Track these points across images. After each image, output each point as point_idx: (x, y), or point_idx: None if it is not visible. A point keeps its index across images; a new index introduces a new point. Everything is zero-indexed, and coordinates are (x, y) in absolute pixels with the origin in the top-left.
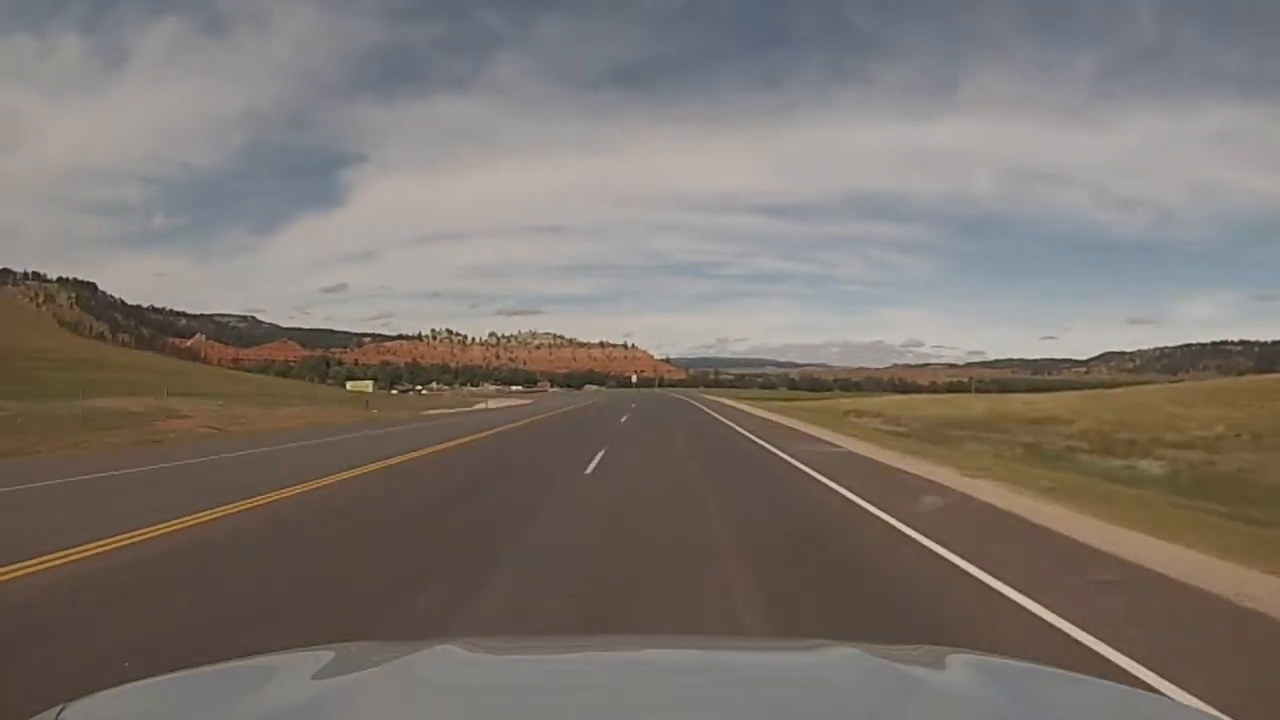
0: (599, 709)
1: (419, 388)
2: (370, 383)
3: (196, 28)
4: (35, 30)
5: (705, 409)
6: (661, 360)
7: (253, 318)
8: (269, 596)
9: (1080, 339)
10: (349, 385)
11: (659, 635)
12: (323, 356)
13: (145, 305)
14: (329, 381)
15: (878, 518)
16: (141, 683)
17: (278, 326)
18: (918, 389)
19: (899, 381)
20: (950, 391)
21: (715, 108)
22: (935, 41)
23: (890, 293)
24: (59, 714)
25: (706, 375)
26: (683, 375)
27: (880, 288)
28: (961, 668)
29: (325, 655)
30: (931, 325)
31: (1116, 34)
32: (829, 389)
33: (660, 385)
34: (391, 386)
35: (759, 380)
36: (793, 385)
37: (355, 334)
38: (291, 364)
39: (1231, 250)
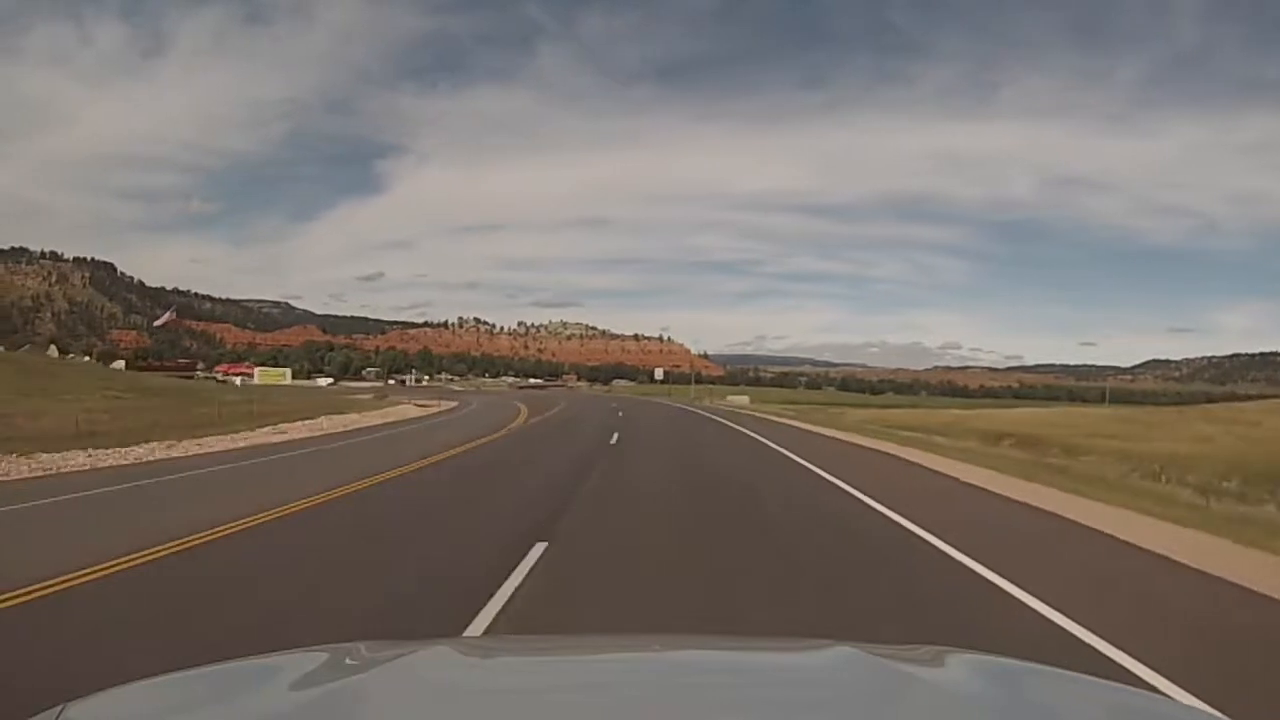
0: (599, 709)
1: (405, 378)
2: (287, 371)
3: (238, 16)
4: (74, 18)
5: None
6: (699, 356)
7: (286, 304)
8: None
9: (1120, 346)
10: (257, 373)
11: (658, 635)
12: (326, 343)
13: (170, 288)
14: (324, 368)
15: None
16: (142, 683)
17: (310, 313)
18: (966, 393)
19: (946, 385)
20: (1006, 397)
21: (756, 106)
22: (976, 44)
23: (927, 295)
24: (59, 714)
25: (745, 373)
26: (721, 372)
27: (918, 289)
28: (961, 668)
29: (326, 655)
30: (968, 328)
31: (1157, 40)
32: (878, 391)
33: (697, 382)
34: (389, 376)
35: (801, 380)
36: (843, 386)
37: (389, 321)
38: (289, 349)
39: (1273, 260)
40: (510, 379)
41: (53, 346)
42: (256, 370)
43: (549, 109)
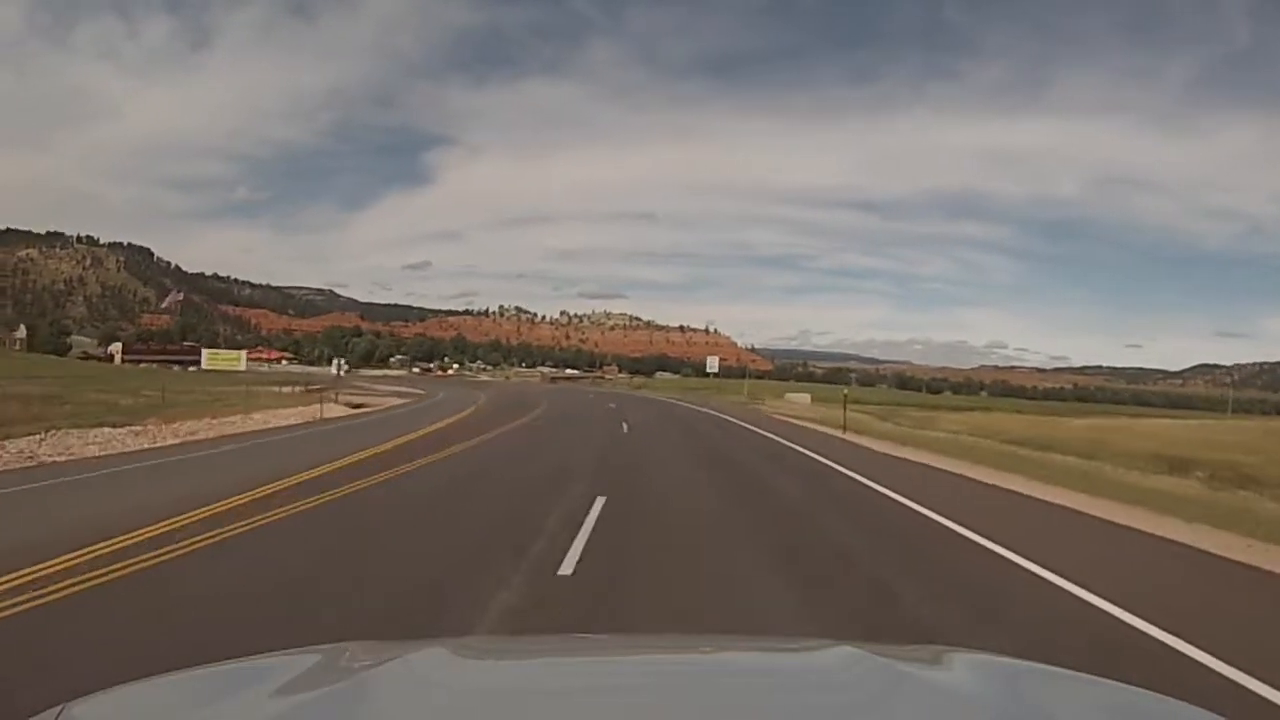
0: (598, 711)
1: (429, 366)
2: (241, 355)
3: (285, 7)
4: (122, 12)
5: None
6: (747, 349)
7: (331, 291)
8: None
9: (1168, 349)
10: (206, 357)
11: (656, 635)
12: (355, 328)
13: (209, 273)
14: (348, 355)
15: None
16: (142, 682)
17: (355, 300)
18: (1024, 393)
19: (1001, 384)
20: (1068, 400)
21: (805, 101)
22: (1026, 41)
23: (973, 293)
24: (59, 714)
25: (794, 368)
26: (769, 366)
27: (963, 287)
28: (961, 667)
29: (324, 655)
30: (1013, 328)
31: (1209, 40)
32: (935, 389)
33: (744, 376)
34: (413, 364)
35: (853, 376)
36: (901, 384)
37: (431, 310)
38: (311, 335)
39: None
40: (545, 369)
41: (22, 328)
42: (204, 354)
43: (598, 103)
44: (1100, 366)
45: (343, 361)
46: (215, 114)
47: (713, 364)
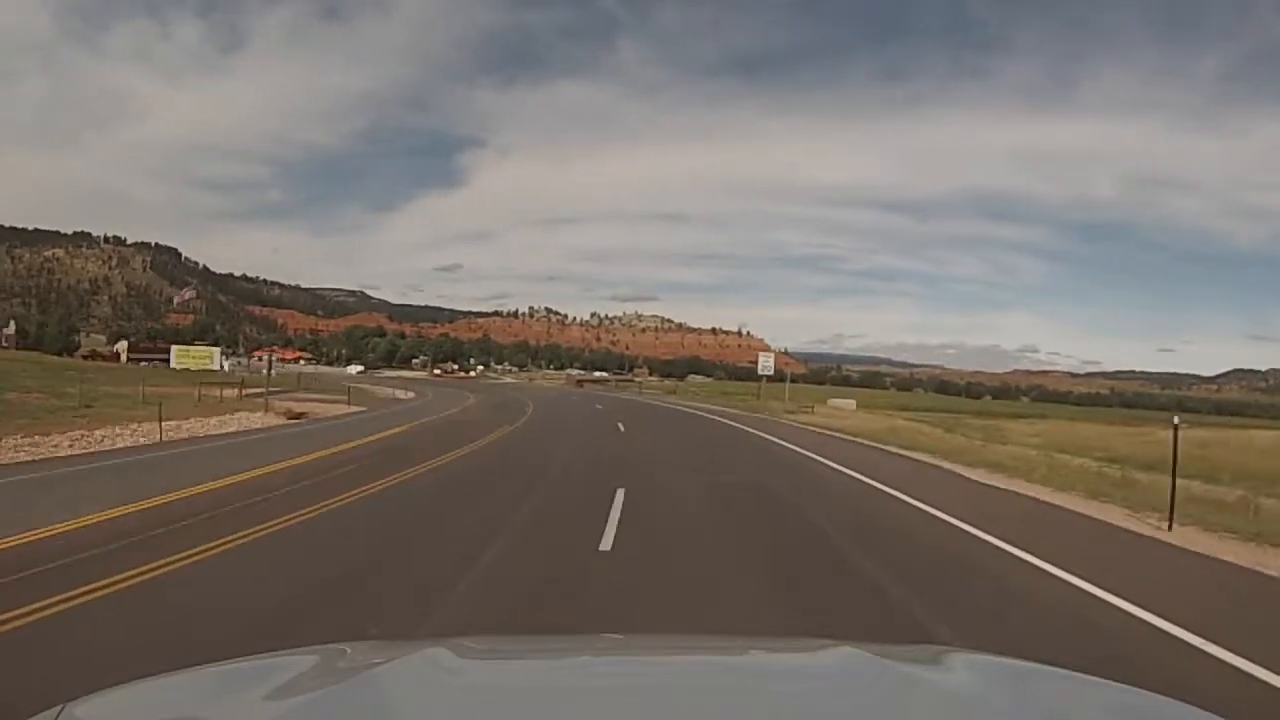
0: (597, 711)
1: (451, 367)
2: (215, 352)
3: (316, 11)
4: (155, 15)
5: None
6: (781, 352)
7: (362, 293)
8: None
9: (1201, 354)
10: (174, 354)
11: (656, 635)
12: (378, 328)
13: (238, 274)
14: (368, 355)
15: None
16: (142, 681)
17: (386, 302)
18: (1066, 399)
19: (1039, 389)
20: (1112, 405)
21: (836, 100)
22: (1057, 38)
23: (1005, 295)
24: (59, 713)
25: (827, 371)
26: (804, 369)
27: (996, 290)
28: (961, 667)
29: (324, 655)
30: (1045, 331)
31: (1242, 34)
32: (974, 394)
33: (784, 380)
34: (434, 366)
35: (888, 380)
36: (940, 389)
37: (461, 311)
38: (335, 334)
39: None
40: (574, 371)
41: (11, 324)
42: (173, 350)
43: (628, 103)
44: (1133, 371)
45: (354, 364)
46: (247, 116)
47: (766, 364)
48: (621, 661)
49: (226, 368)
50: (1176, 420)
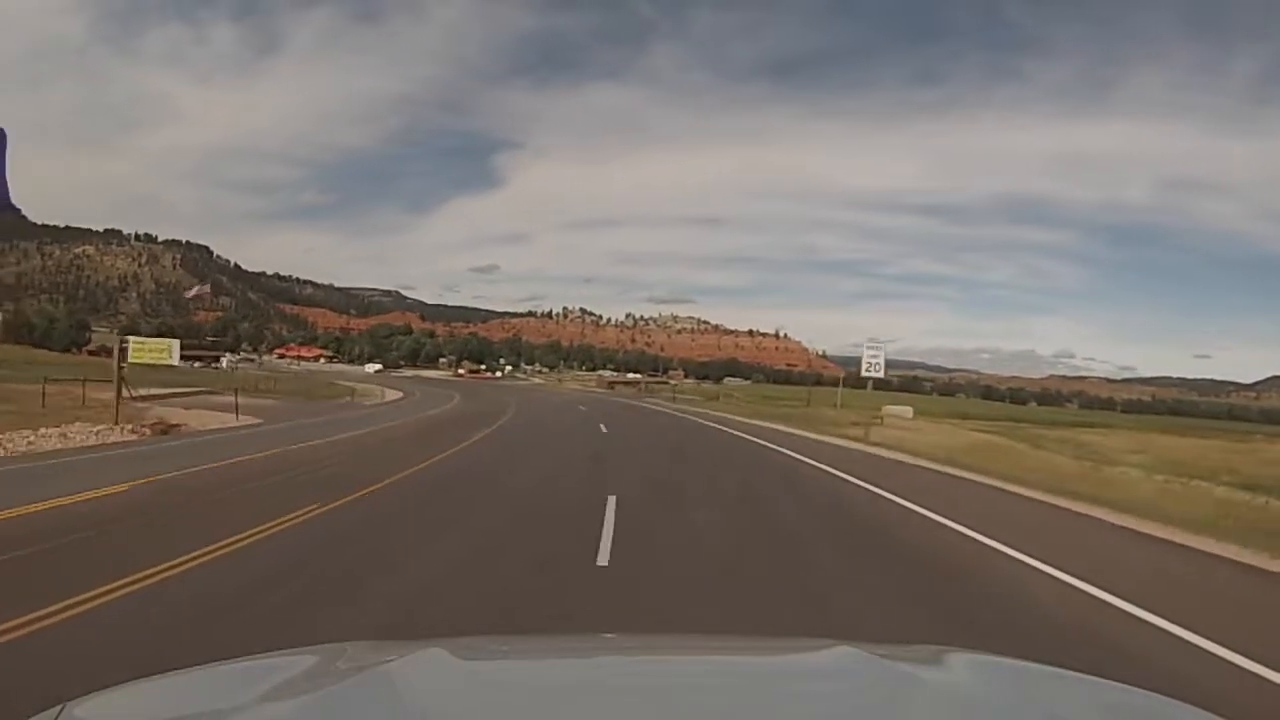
0: (598, 710)
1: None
2: (173, 344)
3: (351, 14)
4: (189, 19)
5: None
6: (819, 355)
7: (398, 293)
8: None
9: (1238, 360)
10: (131, 346)
11: (657, 635)
12: (404, 326)
13: (270, 273)
14: (391, 353)
15: None
16: (141, 681)
17: (422, 302)
18: (1108, 405)
19: (1081, 395)
20: (1160, 413)
21: (870, 103)
22: (1093, 41)
23: (1039, 300)
24: (59, 713)
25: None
26: (841, 373)
27: (1030, 295)
28: (961, 667)
29: (324, 655)
30: (1079, 336)
31: (1277, 36)
32: (1019, 400)
33: (838, 384)
34: (458, 365)
35: (928, 385)
36: (986, 395)
37: (496, 312)
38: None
39: None
40: (606, 372)
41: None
42: (130, 342)
43: (663, 106)
44: (1169, 377)
45: (372, 363)
46: (282, 119)
47: (875, 361)
48: (621, 661)
49: (225, 365)
50: None
